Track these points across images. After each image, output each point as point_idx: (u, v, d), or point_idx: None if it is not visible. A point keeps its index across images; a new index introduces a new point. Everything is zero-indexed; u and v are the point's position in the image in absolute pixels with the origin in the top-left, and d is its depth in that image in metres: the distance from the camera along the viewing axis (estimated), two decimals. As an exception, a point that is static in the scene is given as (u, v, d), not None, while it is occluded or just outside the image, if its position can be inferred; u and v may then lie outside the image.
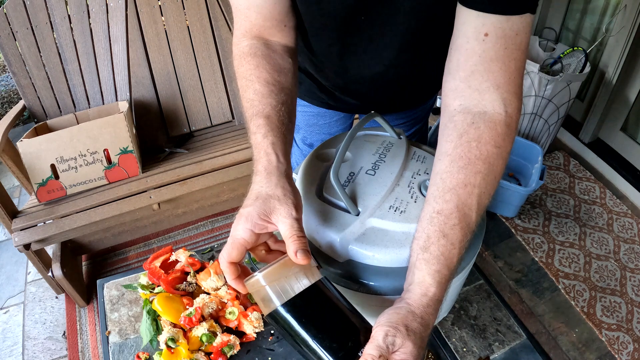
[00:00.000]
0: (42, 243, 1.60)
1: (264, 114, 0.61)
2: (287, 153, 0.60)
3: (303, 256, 0.50)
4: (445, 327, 0.81)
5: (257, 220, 0.53)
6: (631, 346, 1.61)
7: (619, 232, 1.99)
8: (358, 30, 0.73)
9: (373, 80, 0.84)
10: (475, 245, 0.63)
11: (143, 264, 0.87)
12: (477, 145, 0.56)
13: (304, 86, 0.99)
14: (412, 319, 0.51)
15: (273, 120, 0.60)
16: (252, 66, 0.66)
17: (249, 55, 0.67)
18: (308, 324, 0.46)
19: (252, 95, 0.63)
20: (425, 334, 0.51)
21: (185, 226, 2.10)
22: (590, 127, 2.28)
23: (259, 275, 0.49)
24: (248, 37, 0.69)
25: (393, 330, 0.49)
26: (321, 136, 1.11)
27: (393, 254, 0.58)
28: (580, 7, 2.27)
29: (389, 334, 0.48)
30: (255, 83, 0.64)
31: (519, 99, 0.59)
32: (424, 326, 0.51)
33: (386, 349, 0.48)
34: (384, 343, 0.48)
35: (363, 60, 0.79)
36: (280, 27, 0.69)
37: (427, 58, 0.81)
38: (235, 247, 0.53)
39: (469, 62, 0.58)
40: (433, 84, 1.01)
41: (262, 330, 0.79)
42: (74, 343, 1.69)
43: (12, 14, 1.71)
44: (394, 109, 1.03)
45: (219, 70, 1.99)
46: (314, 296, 0.48)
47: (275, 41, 0.70)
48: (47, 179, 1.59)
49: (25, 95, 1.79)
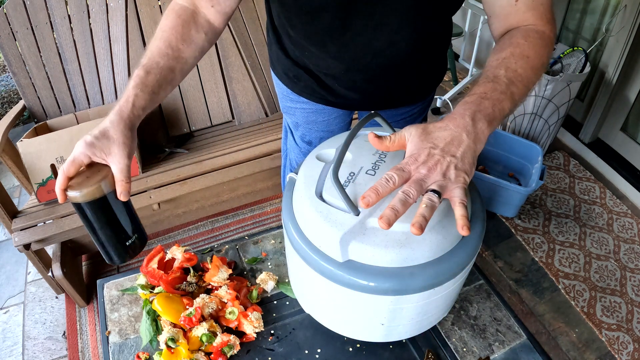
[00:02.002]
0: (42, 243, 1.60)
1: (147, 68, 0.70)
2: (145, 108, 0.69)
3: (125, 197, 0.67)
4: (445, 327, 0.81)
5: (96, 153, 0.65)
6: (631, 346, 1.61)
7: (619, 232, 1.99)
8: (359, 7, 0.75)
9: (374, 60, 0.85)
10: (475, 245, 0.63)
11: (140, 267, 0.87)
12: (509, 39, 0.69)
13: (303, 82, 0.99)
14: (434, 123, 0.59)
15: (150, 77, 0.69)
16: (169, 24, 0.74)
17: (174, 13, 0.75)
18: (94, 219, 0.68)
19: (152, 48, 0.72)
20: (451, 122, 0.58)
21: (185, 226, 2.10)
22: (590, 127, 2.28)
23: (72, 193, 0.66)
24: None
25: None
26: (320, 134, 1.10)
27: (393, 254, 0.58)
28: (580, 7, 2.27)
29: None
30: (160, 40, 0.72)
31: (553, 24, 0.73)
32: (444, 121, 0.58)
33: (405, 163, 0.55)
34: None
35: (364, 37, 0.80)
36: (211, 3, 0.76)
37: (427, 39, 0.84)
38: (74, 166, 0.65)
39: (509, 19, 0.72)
40: (432, 74, 1.01)
41: (262, 330, 0.79)
42: (74, 343, 1.69)
43: (12, 14, 1.71)
44: (393, 103, 1.03)
45: (219, 70, 1.99)
46: (93, 206, 0.67)
47: (203, 14, 0.77)
48: (47, 179, 1.59)
49: (25, 95, 1.79)
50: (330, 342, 0.78)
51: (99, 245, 0.72)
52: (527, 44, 0.67)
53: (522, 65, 0.65)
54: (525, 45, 0.67)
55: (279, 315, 0.83)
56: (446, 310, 0.75)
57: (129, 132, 0.67)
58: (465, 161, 0.55)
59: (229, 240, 0.98)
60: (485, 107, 0.59)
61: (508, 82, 0.62)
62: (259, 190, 1.87)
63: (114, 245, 0.72)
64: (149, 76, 0.69)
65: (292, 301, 0.85)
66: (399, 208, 0.52)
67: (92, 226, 0.68)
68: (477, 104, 0.59)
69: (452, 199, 0.55)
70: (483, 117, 0.58)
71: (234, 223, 2.12)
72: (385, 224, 0.51)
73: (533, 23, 0.71)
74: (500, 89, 0.61)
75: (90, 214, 0.67)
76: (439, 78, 1.04)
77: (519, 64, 0.64)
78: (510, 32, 0.71)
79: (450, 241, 0.61)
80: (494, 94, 0.60)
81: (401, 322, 0.67)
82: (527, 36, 0.68)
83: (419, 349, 0.78)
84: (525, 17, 0.70)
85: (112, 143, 0.65)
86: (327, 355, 0.77)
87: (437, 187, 0.54)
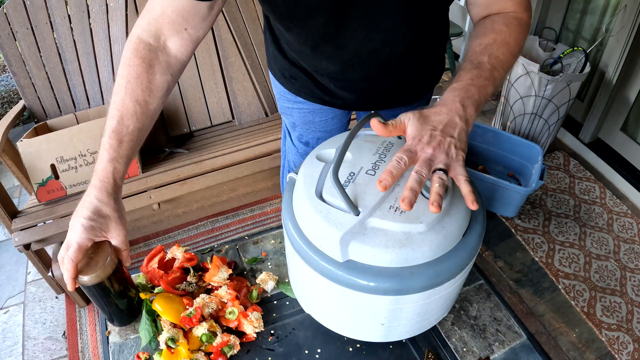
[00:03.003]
0: (42, 243, 1.60)
1: (119, 137, 0.69)
2: (123, 175, 0.71)
3: (129, 262, 0.74)
4: (445, 327, 0.81)
5: (97, 235, 0.69)
6: (631, 346, 1.61)
7: (619, 232, 1.99)
8: (351, 9, 0.75)
9: (370, 59, 0.85)
10: (475, 245, 0.63)
11: (140, 267, 0.87)
12: (491, 25, 0.73)
13: (299, 82, 0.99)
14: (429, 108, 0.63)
15: (124, 146, 0.70)
16: (133, 73, 0.70)
17: (138, 57, 0.71)
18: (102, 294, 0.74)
19: (119, 106, 0.70)
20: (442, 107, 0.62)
21: (185, 226, 2.10)
22: (590, 127, 2.28)
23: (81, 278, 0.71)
24: (148, 31, 0.72)
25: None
26: (317, 134, 1.10)
27: (393, 254, 0.58)
28: (580, 7, 2.28)
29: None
30: (125, 95, 0.70)
31: (530, 11, 0.77)
32: (436, 106, 0.63)
33: (410, 144, 0.59)
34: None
35: (358, 39, 0.80)
36: (181, 28, 0.72)
37: (422, 38, 0.85)
38: (81, 253, 0.67)
39: (490, 7, 0.77)
40: (429, 73, 1.01)
41: (262, 330, 0.79)
42: (74, 343, 1.69)
43: (12, 14, 1.71)
44: (390, 103, 1.02)
45: (219, 70, 1.99)
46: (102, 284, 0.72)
47: (169, 46, 0.73)
48: (47, 179, 1.60)
49: (25, 95, 1.79)
50: (330, 342, 0.78)
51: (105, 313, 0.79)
52: (508, 31, 0.72)
53: (504, 51, 0.70)
54: (507, 33, 0.72)
55: (279, 315, 0.83)
56: (446, 310, 0.75)
57: (118, 205, 0.71)
58: (462, 140, 0.61)
59: (229, 240, 0.98)
60: (472, 94, 0.64)
61: (491, 68, 0.68)
62: (259, 190, 1.87)
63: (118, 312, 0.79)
64: (122, 145, 0.69)
65: (292, 301, 0.85)
66: (417, 188, 0.56)
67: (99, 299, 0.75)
68: (465, 90, 0.64)
69: (457, 177, 0.60)
70: (471, 104, 0.63)
71: (234, 223, 2.12)
72: (407, 205, 0.54)
73: (513, 10, 0.76)
74: (485, 75, 0.67)
75: (99, 290, 0.73)
76: (437, 76, 1.04)
77: (500, 51, 0.70)
78: (492, 18, 0.76)
79: (450, 241, 0.61)
80: (479, 80, 0.66)
81: (401, 322, 0.67)
82: (508, 23, 0.74)
83: (419, 349, 0.78)
84: (506, 5, 0.76)
85: (108, 221, 0.69)
86: (327, 355, 0.77)
87: (443, 166, 0.58)
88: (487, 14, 0.77)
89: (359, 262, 0.59)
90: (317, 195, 0.63)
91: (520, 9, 0.76)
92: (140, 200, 1.65)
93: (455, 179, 0.60)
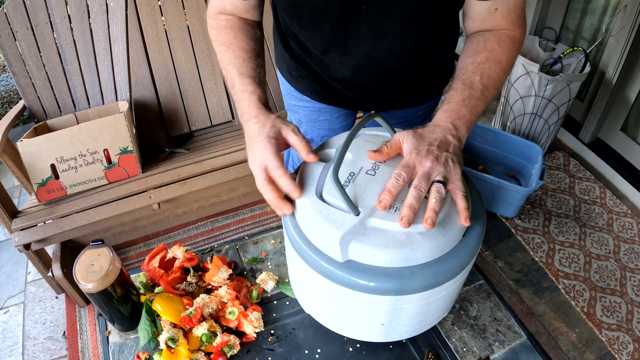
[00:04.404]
0: (42, 243, 1.60)
1: (248, 75, 0.75)
2: (267, 101, 0.74)
3: (313, 157, 0.66)
4: (445, 327, 0.81)
5: (276, 137, 0.66)
6: (631, 346, 1.61)
7: (619, 232, 1.99)
8: (359, 17, 0.76)
9: (378, 65, 0.86)
10: (475, 245, 0.63)
11: (141, 266, 0.87)
12: (484, 43, 0.74)
13: (306, 82, 0.99)
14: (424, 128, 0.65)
15: (256, 80, 0.75)
16: (231, 36, 0.79)
17: (227, 28, 0.80)
18: (104, 301, 0.77)
19: (234, 60, 0.76)
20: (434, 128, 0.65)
21: (185, 226, 2.10)
22: (590, 127, 2.28)
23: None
24: (223, 14, 0.83)
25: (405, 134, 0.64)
26: (322, 132, 1.11)
27: (393, 254, 0.58)
28: (580, 7, 2.28)
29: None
30: (236, 50, 0.77)
31: (523, 28, 0.78)
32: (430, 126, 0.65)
33: (406, 164, 0.60)
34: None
35: (366, 46, 0.82)
36: (249, 10, 0.83)
37: (430, 45, 0.86)
38: (282, 166, 0.64)
39: (484, 23, 0.77)
40: (438, 76, 1.01)
41: (262, 330, 0.79)
42: (74, 343, 1.69)
43: (12, 14, 1.71)
44: (396, 104, 1.03)
45: (219, 70, 1.99)
46: (106, 291, 0.75)
47: (245, 18, 0.84)
48: (47, 179, 1.59)
49: (25, 95, 1.79)
50: (330, 342, 0.78)
51: (108, 317, 0.82)
52: (500, 50, 0.74)
53: (496, 70, 0.72)
54: (499, 51, 0.73)
55: (279, 315, 0.83)
56: (446, 310, 0.75)
57: (275, 117, 0.71)
58: (457, 155, 0.63)
59: (229, 240, 0.98)
60: (464, 115, 0.66)
61: (483, 87, 0.69)
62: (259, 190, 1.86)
63: (121, 317, 0.81)
64: (254, 80, 0.74)
65: (292, 301, 0.85)
66: (415, 205, 0.57)
67: (103, 305, 0.78)
68: (456, 111, 0.66)
69: (454, 191, 0.60)
70: (462, 124, 0.66)
71: (234, 223, 2.12)
72: (406, 224, 0.56)
73: (506, 28, 0.76)
74: (476, 95, 0.68)
75: (103, 296, 0.75)
76: (446, 78, 1.04)
77: (492, 69, 0.72)
78: (485, 36, 0.76)
79: (450, 241, 0.61)
80: (471, 101, 0.68)
81: (401, 322, 0.67)
82: (500, 41, 0.75)
83: (419, 349, 0.78)
84: (500, 23, 0.76)
85: (278, 126, 0.68)
86: (327, 355, 0.77)
87: (441, 178, 0.59)
88: (481, 29, 0.77)
89: (359, 262, 0.59)
90: (317, 196, 0.63)
91: (513, 26, 0.76)
92: (140, 200, 1.65)
93: (453, 193, 0.61)
